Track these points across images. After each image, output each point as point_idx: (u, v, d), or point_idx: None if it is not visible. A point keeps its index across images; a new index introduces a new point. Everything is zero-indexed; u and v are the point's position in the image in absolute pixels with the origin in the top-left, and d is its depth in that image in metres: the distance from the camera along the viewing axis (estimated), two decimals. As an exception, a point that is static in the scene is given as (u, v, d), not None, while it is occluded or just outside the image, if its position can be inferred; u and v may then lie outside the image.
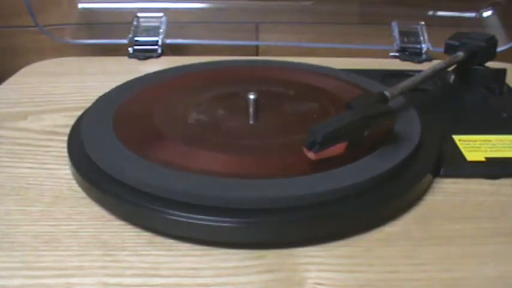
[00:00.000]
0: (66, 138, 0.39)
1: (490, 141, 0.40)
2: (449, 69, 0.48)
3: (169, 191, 0.31)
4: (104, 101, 0.43)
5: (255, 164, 0.34)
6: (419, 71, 0.44)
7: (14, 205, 0.34)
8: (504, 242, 0.31)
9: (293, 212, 0.30)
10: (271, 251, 0.30)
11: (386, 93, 0.39)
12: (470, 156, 0.38)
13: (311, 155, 0.33)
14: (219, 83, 0.47)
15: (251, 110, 0.40)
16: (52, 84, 0.52)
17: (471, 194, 0.35)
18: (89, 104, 0.44)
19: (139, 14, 0.62)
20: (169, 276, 0.28)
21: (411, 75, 0.44)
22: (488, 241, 0.31)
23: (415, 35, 0.61)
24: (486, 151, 0.39)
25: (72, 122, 0.41)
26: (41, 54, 0.63)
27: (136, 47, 0.59)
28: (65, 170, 0.37)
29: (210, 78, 0.47)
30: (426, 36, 0.60)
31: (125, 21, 0.62)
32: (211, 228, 0.30)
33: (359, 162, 0.34)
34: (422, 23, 0.62)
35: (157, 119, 0.40)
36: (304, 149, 0.33)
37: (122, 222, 0.32)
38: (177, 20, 0.64)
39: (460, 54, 0.46)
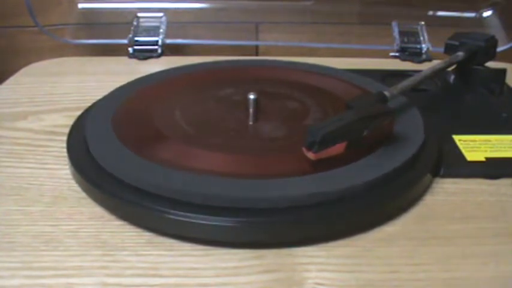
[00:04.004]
0: (66, 138, 0.39)
1: (490, 141, 0.40)
2: (449, 69, 0.48)
3: (169, 190, 0.31)
4: (104, 100, 0.43)
5: (255, 164, 0.34)
6: (419, 71, 0.44)
7: (14, 205, 0.34)
8: (504, 242, 0.31)
9: (293, 212, 0.30)
10: (271, 251, 0.30)
11: (386, 93, 0.39)
12: (470, 156, 0.38)
13: (310, 155, 0.33)
14: (219, 83, 0.47)
15: (251, 110, 0.40)
16: (52, 84, 0.52)
17: (471, 194, 0.35)
18: (88, 104, 0.44)
19: (139, 14, 0.62)
20: (169, 276, 0.28)
21: (411, 75, 0.44)
22: (488, 241, 0.31)
23: (415, 35, 0.61)
24: (486, 151, 0.39)
25: (72, 122, 0.41)
26: (41, 54, 0.63)
27: (136, 47, 0.59)
28: (65, 170, 0.37)
29: (210, 78, 0.47)
30: (426, 36, 0.60)
31: (124, 21, 0.62)
32: (211, 228, 0.30)
33: (361, 161, 0.34)
34: (422, 23, 0.62)
35: (158, 119, 0.40)
36: (304, 149, 0.33)
37: (122, 222, 0.32)
38: (177, 20, 0.64)
39: (460, 54, 0.46)
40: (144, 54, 0.59)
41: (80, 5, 0.65)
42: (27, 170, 0.37)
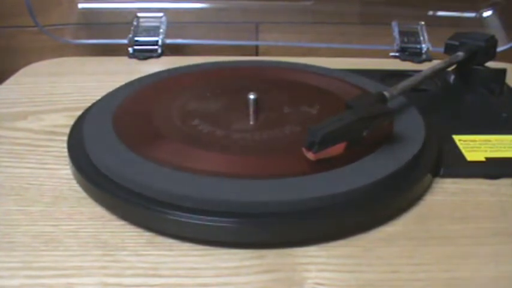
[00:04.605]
0: (66, 138, 0.39)
1: (490, 141, 0.40)
2: (449, 69, 0.48)
3: (170, 191, 0.31)
4: (104, 100, 0.43)
5: (256, 165, 0.34)
6: (419, 71, 0.44)
7: (14, 205, 0.34)
8: (504, 242, 0.31)
9: (293, 213, 0.30)
10: (271, 251, 0.30)
11: (386, 93, 0.39)
12: (470, 156, 0.38)
13: (310, 155, 0.33)
14: (219, 83, 0.47)
15: (251, 110, 0.40)
16: (52, 84, 0.52)
17: (471, 194, 0.35)
18: (88, 104, 0.44)
19: (139, 14, 0.62)
20: (169, 276, 0.28)
21: (411, 75, 0.44)
22: (488, 241, 0.31)
23: (415, 35, 0.61)
24: (486, 151, 0.39)
25: (72, 122, 0.41)
26: (41, 54, 0.63)
27: (136, 47, 0.60)
28: (65, 170, 0.37)
29: (210, 78, 0.47)
30: (426, 36, 0.60)
31: (124, 21, 0.62)
32: (211, 228, 0.30)
33: (361, 162, 0.34)
34: (422, 23, 0.62)
35: (158, 120, 0.40)
36: (304, 150, 0.33)
37: (122, 222, 0.32)
38: (177, 20, 0.64)
39: (460, 54, 0.46)
40: (144, 54, 0.59)
41: (80, 5, 0.65)
42: (27, 170, 0.37)
